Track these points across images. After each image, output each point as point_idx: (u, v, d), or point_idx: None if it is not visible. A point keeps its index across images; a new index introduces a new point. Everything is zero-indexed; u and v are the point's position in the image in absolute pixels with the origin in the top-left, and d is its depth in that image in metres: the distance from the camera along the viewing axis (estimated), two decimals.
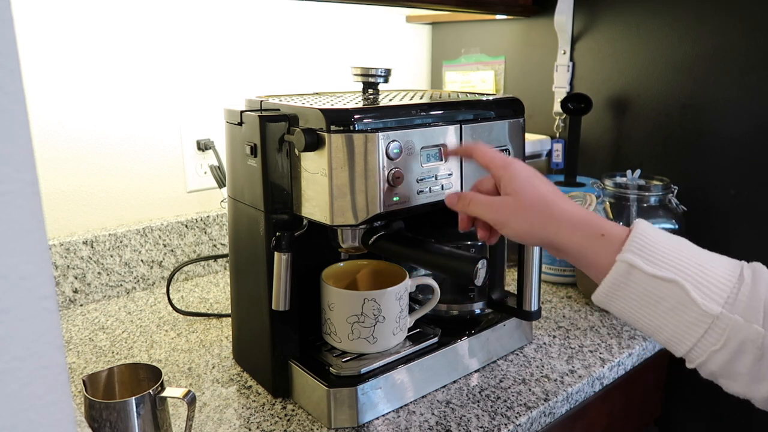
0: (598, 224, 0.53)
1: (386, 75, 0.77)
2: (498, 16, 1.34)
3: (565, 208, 0.55)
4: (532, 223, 0.55)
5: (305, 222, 0.71)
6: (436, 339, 0.78)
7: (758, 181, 1.01)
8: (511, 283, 0.89)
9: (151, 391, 0.58)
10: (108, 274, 1.04)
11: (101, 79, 1.02)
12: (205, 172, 1.16)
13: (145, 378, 0.63)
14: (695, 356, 0.48)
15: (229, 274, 0.82)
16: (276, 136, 0.67)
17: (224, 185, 1.13)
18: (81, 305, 1.02)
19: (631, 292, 0.49)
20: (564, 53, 1.24)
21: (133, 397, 0.57)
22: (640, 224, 0.51)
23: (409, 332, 0.77)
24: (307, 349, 0.75)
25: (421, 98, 0.76)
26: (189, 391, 0.60)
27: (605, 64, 1.19)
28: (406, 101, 0.72)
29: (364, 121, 0.63)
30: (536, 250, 0.76)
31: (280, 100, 0.71)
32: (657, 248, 0.49)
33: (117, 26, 1.02)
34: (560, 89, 1.26)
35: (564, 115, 1.25)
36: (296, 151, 0.66)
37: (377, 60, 1.41)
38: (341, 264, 0.78)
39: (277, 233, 0.69)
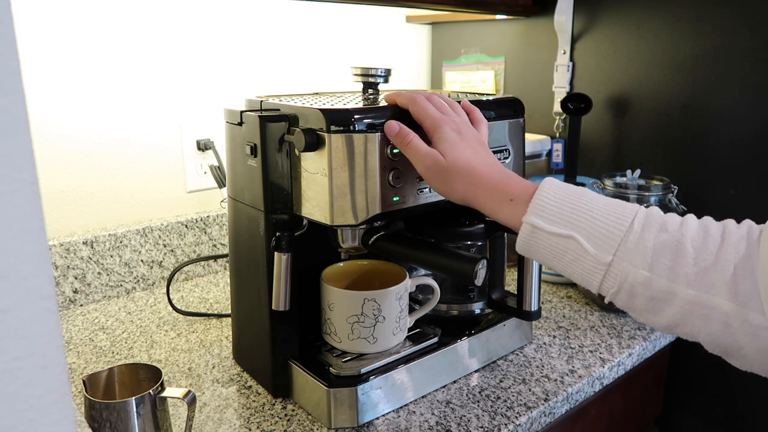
0: (509, 189, 0.58)
1: (386, 75, 0.77)
2: (498, 16, 1.34)
3: (485, 175, 0.59)
4: (455, 187, 0.60)
5: (305, 222, 0.71)
6: (436, 339, 0.78)
7: (758, 182, 1.01)
8: (511, 283, 0.89)
9: (151, 391, 0.58)
10: (108, 274, 1.04)
11: (101, 79, 1.02)
12: (205, 172, 1.16)
13: (145, 378, 0.63)
14: (604, 295, 0.54)
15: (229, 274, 0.82)
16: (276, 136, 0.67)
17: (224, 185, 1.13)
18: (81, 305, 1.02)
19: (540, 247, 0.55)
20: (564, 53, 1.24)
21: (133, 397, 0.57)
22: (544, 184, 0.56)
23: (409, 332, 0.77)
24: (307, 349, 0.75)
25: None
26: (189, 391, 0.60)
27: (605, 64, 1.19)
28: None
29: (364, 121, 0.63)
30: None
31: (280, 100, 0.71)
32: (556, 206, 0.54)
33: (117, 26, 1.02)
34: (560, 89, 1.25)
35: (564, 115, 1.25)
36: (296, 151, 0.66)
37: (377, 60, 1.41)
38: (341, 264, 0.78)
39: (277, 233, 0.69)
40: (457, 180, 0.59)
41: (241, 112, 0.70)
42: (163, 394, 0.60)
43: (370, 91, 0.79)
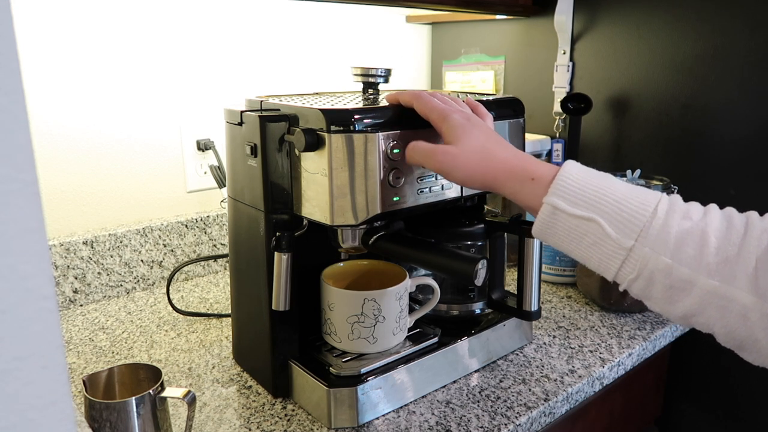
0: (530, 169, 0.56)
1: (386, 75, 0.77)
2: (498, 16, 1.34)
3: (502, 157, 0.58)
4: (473, 171, 0.59)
5: (305, 222, 0.71)
6: (436, 339, 0.78)
7: (758, 182, 1.01)
8: (511, 283, 0.89)
9: (151, 391, 0.58)
10: (108, 274, 1.04)
11: (101, 79, 1.02)
12: (205, 172, 1.16)
13: (145, 378, 0.63)
14: (620, 282, 0.53)
15: (229, 274, 0.82)
16: (276, 136, 0.67)
17: (224, 185, 1.13)
18: (81, 305, 1.02)
19: (558, 230, 0.54)
20: (564, 53, 1.24)
21: (133, 397, 0.57)
22: (566, 166, 0.55)
23: (409, 332, 0.77)
24: (307, 349, 0.75)
25: None
26: (189, 391, 0.60)
27: (605, 64, 1.19)
28: None
29: (364, 121, 0.63)
30: (536, 249, 0.76)
31: (280, 100, 0.71)
32: (579, 188, 0.53)
33: (117, 26, 1.02)
34: (560, 89, 1.25)
35: (564, 115, 1.25)
36: (296, 151, 0.66)
37: (377, 60, 1.41)
38: (341, 264, 0.78)
39: (277, 233, 0.69)
40: (473, 164, 0.58)
41: (241, 112, 0.70)
42: (163, 394, 0.60)
43: (371, 91, 0.79)
